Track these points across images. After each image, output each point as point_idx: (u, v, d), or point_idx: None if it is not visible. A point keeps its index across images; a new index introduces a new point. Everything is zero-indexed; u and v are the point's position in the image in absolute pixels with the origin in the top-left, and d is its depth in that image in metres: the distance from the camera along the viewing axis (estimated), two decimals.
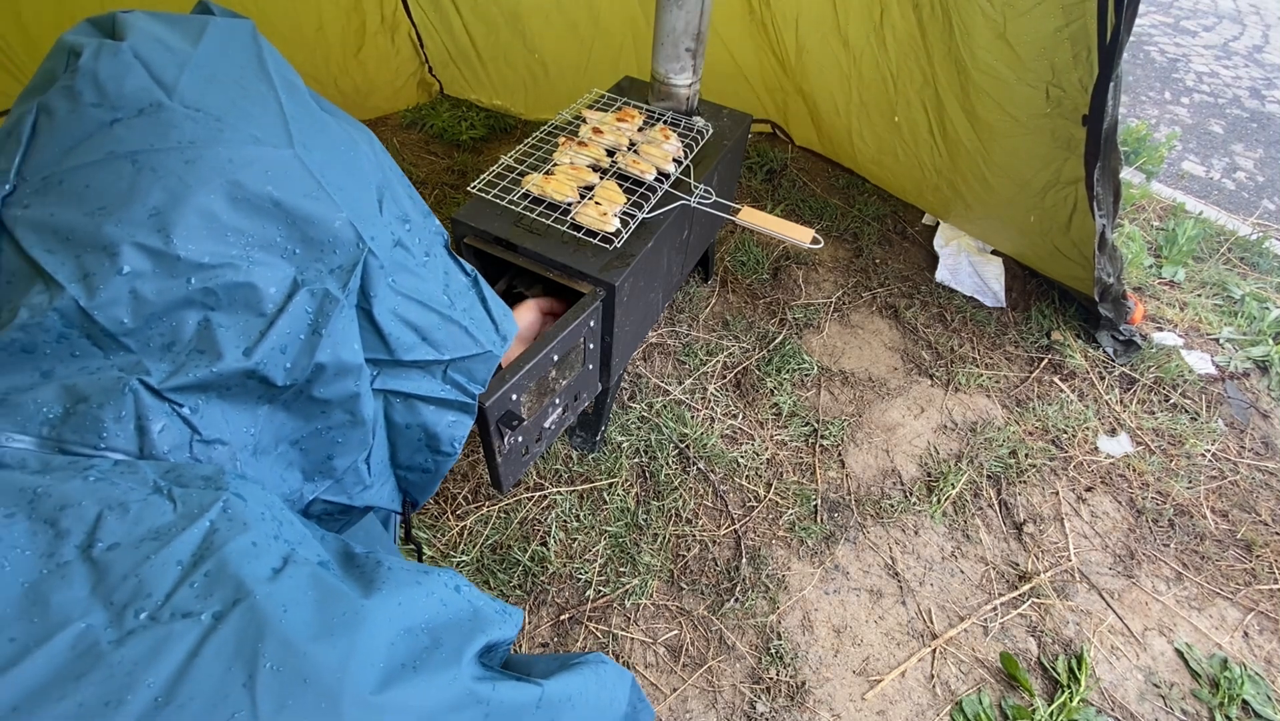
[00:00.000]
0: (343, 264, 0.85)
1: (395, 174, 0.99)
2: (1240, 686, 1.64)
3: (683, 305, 2.46)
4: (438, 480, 1.08)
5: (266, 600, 0.58)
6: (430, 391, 1.01)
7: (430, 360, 0.98)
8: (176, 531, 0.60)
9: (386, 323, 0.91)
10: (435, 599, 0.73)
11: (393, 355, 0.93)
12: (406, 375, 0.98)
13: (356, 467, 0.96)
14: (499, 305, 1.10)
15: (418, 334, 0.96)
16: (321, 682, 0.55)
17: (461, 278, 1.06)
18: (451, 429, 1.04)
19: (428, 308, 0.96)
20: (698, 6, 1.72)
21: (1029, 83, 2.02)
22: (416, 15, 3.04)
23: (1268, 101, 4.29)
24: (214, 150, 0.77)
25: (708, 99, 2.15)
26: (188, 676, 0.51)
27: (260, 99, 0.85)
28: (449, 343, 1.00)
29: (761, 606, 1.72)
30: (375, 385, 0.94)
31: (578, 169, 1.71)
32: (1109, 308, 2.38)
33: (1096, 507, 2.01)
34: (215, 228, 0.76)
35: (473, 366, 1.04)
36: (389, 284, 0.91)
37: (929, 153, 2.59)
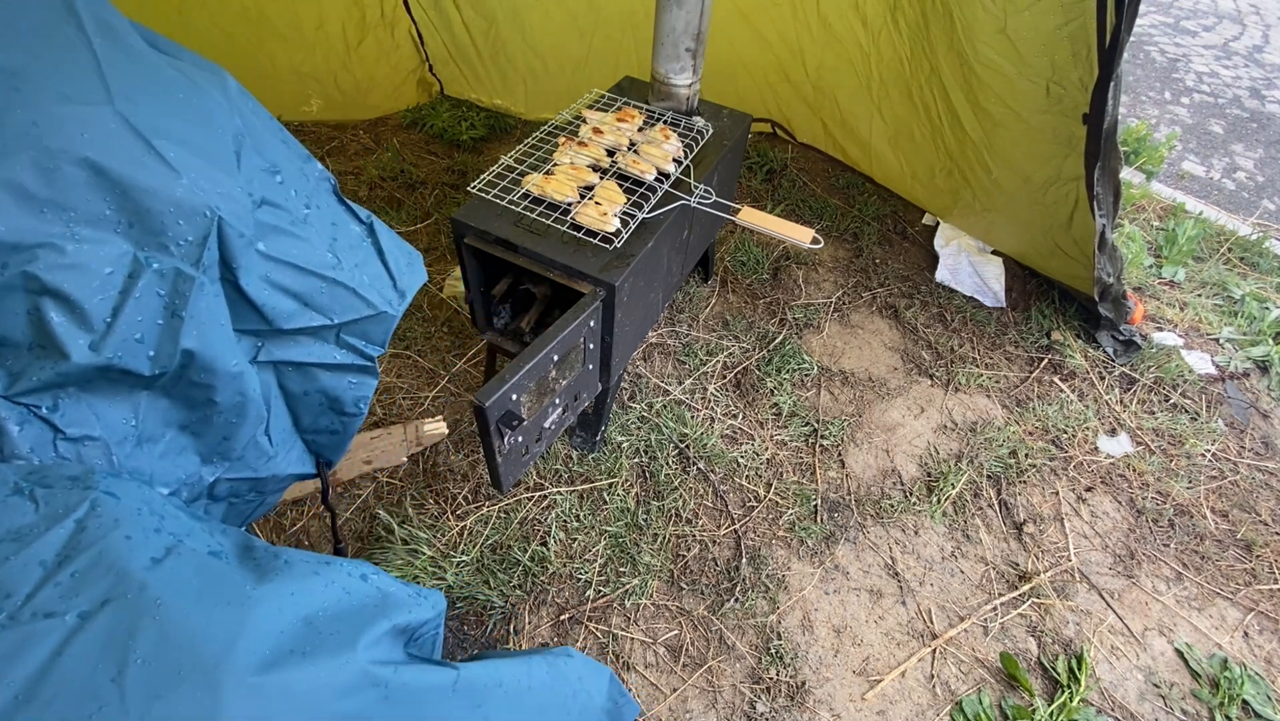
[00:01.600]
0: (192, 237, 0.73)
1: (260, 119, 0.88)
2: (1240, 686, 1.64)
3: (683, 305, 2.46)
4: (348, 439, 1.06)
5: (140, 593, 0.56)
6: (324, 358, 0.95)
7: (318, 326, 0.91)
8: (39, 532, 0.58)
9: (258, 293, 0.82)
10: (336, 587, 0.71)
11: (272, 325, 0.85)
12: (295, 343, 0.91)
13: (256, 442, 0.92)
14: (399, 255, 1.00)
15: (298, 300, 0.88)
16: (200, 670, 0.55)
17: (354, 228, 0.97)
18: (354, 390, 1.00)
19: (307, 272, 0.87)
20: (698, 6, 1.72)
21: (1029, 78, 2.02)
22: (416, 12, 3.04)
23: (1268, 101, 4.29)
24: (13, 114, 0.66)
25: (708, 99, 2.15)
26: (50, 674, 0.50)
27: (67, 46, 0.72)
28: (336, 306, 0.91)
29: (761, 606, 1.72)
30: (261, 357, 0.88)
31: (578, 169, 1.71)
32: (1109, 307, 2.38)
33: (1096, 507, 2.01)
34: (26, 203, 0.66)
35: (367, 328, 0.97)
36: (257, 250, 0.82)
37: (940, 137, 2.57)
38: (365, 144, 3.06)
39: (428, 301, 2.37)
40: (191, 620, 0.58)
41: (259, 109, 0.89)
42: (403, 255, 1.03)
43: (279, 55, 2.87)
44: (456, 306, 2.35)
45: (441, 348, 2.24)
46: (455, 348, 2.24)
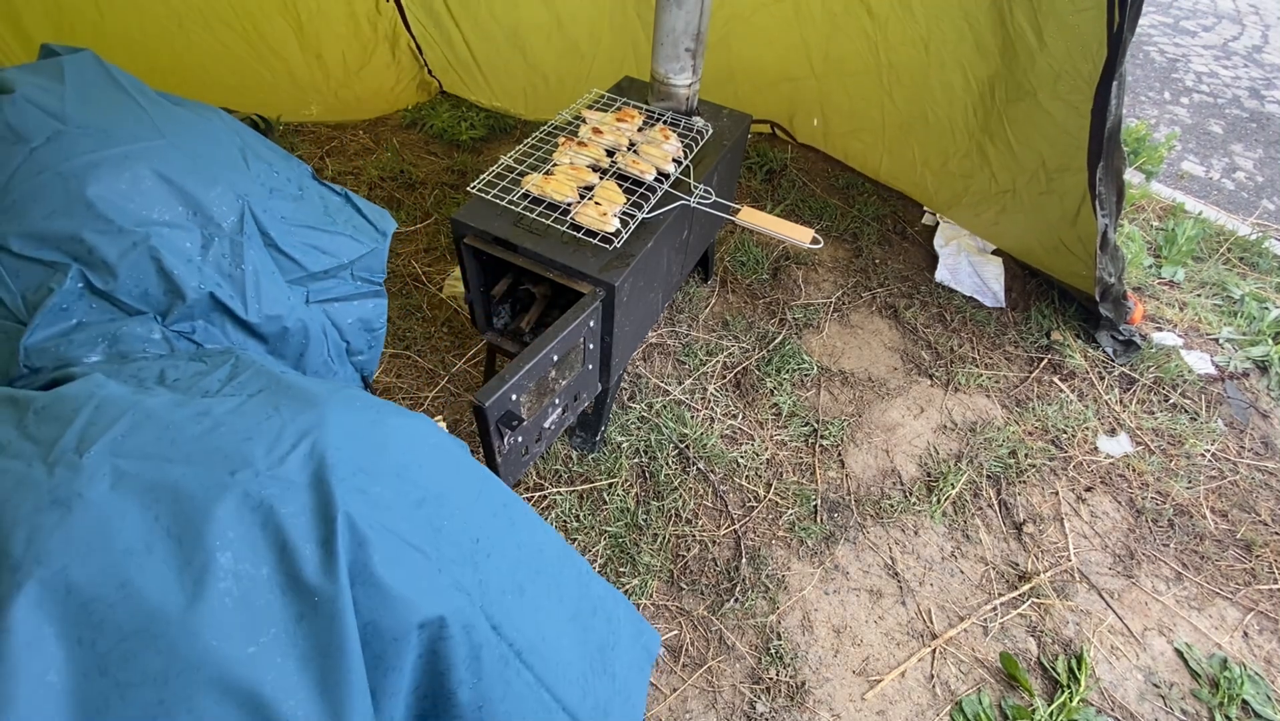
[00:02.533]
0: (234, 218, 1.17)
1: (251, 136, 1.33)
2: (1240, 686, 1.64)
3: (683, 305, 2.46)
4: (379, 352, 1.50)
5: (279, 381, 0.94)
6: (349, 291, 1.36)
7: (335, 266, 1.32)
8: (212, 370, 0.97)
9: (291, 248, 1.26)
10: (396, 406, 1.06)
11: (306, 270, 1.28)
12: (325, 284, 1.32)
13: (325, 361, 1.33)
14: (372, 209, 1.45)
15: (317, 249, 1.29)
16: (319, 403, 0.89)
17: (335, 198, 1.41)
18: (375, 310, 1.43)
19: (316, 229, 1.29)
20: (697, 6, 1.72)
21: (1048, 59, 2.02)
22: (416, 29, 3.04)
23: (1267, 101, 4.29)
24: (110, 151, 1.07)
25: (706, 99, 2.15)
26: (243, 408, 0.87)
27: (125, 107, 1.17)
28: (342, 249, 1.33)
29: (761, 606, 1.72)
30: (311, 299, 1.30)
31: (578, 169, 1.71)
32: (1109, 307, 2.38)
33: (1096, 507, 2.01)
34: (133, 205, 1.07)
35: (369, 261, 1.39)
36: (280, 219, 1.23)
37: (962, 113, 2.53)
38: (365, 144, 3.06)
39: (428, 301, 2.37)
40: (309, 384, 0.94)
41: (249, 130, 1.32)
42: (375, 211, 1.44)
43: (280, 70, 2.88)
44: (456, 306, 2.34)
45: (441, 348, 2.24)
46: (455, 348, 2.24)
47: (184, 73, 2.75)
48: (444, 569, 0.86)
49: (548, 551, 1.10)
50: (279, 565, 0.75)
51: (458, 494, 0.95)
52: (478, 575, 0.91)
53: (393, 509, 0.84)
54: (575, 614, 1.11)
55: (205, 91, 2.75)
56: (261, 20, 2.73)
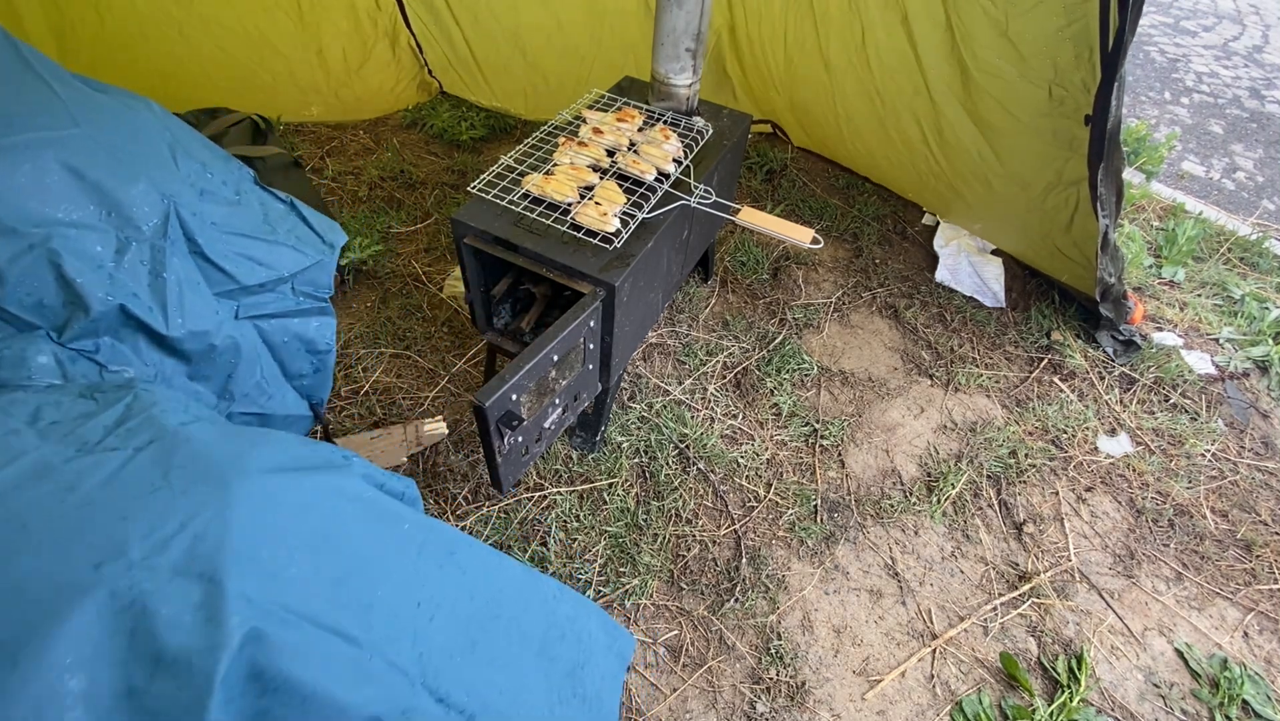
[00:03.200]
0: (156, 220, 1.02)
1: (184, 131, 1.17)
2: (1240, 686, 1.64)
3: (683, 305, 2.46)
4: (328, 375, 1.33)
5: (175, 435, 0.80)
6: (287, 307, 1.21)
7: (273, 280, 1.18)
8: (100, 411, 0.83)
9: (221, 259, 1.11)
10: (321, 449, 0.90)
11: (239, 283, 1.13)
12: (261, 299, 1.18)
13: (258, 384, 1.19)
14: (320, 220, 1.30)
15: (252, 260, 1.15)
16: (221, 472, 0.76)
17: (278, 205, 1.26)
18: (320, 330, 1.27)
19: (252, 238, 1.16)
20: (698, 7, 1.72)
21: (1032, 81, 2.02)
22: (416, 26, 3.04)
23: (1267, 101, 4.29)
24: (10, 139, 0.93)
25: (707, 99, 2.15)
26: (121, 474, 0.74)
27: (34, 90, 1.01)
28: (282, 261, 1.19)
29: (761, 606, 1.72)
30: (241, 314, 1.15)
31: (578, 169, 1.71)
32: (1109, 308, 2.38)
33: (1096, 507, 2.01)
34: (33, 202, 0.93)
35: (313, 275, 1.25)
36: (211, 225, 1.09)
37: (924, 160, 2.60)
38: (365, 144, 3.06)
39: (428, 301, 2.37)
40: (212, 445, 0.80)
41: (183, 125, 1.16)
42: (323, 222, 1.30)
43: (280, 71, 2.88)
44: (456, 306, 2.35)
45: (441, 348, 2.24)
46: (455, 348, 2.24)
47: (184, 75, 2.76)
48: (376, 651, 0.75)
49: (507, 590, 1.01)
50: (149, 684, 0.60)
51: (393, 556, 0.84)
52: (418, 647, 0.81)
53: (309, 591, 0.72)
54: (540, 648, 1.03)
55: (205, 92, 2.75)
56: (262, 18, 2.73)
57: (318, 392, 1.33)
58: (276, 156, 2.43)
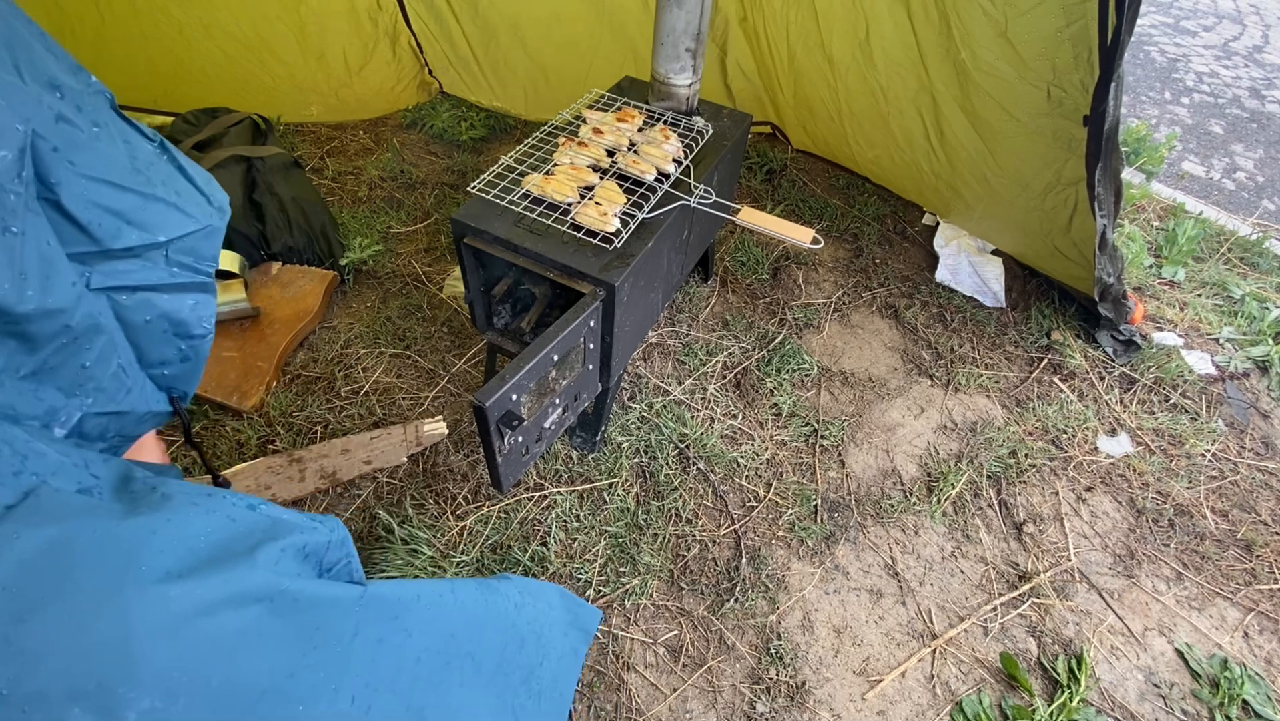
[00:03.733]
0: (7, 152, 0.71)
1: (29, 30, 0.82)
2: (1240, 686, 1.64)
3: (683, 305, 2.46)
4: (200, 365, 1.03)
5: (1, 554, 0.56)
6: (158, 279, 0.92)
7: (144, 245, 0.89)
8: None
9: (81, 210, 0.80)
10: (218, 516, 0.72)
11: (100, 244, 0.83)
12: (124, 267, 0.88)
13: (115, 372, 0.91)
14: (200, 172, 0.98)
15: (119, 218, 0.85)
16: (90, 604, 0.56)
17: (146, 145, 0.94)
18: (196, 310, 0.98)
19: (122, 188, 0.86)
20: (697, 6, 1.72)
21: (1031, 82, 2.02)
22: (416, 25, 3.04)
23: (1267, 101, 4.29)
24: None
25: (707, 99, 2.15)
26: None
27: None
28: (159, 222, 0.90)
29: (761, 606, 1.72)
30: (93, 284, 0.84)
31: (578, 169, 1.71)
32: (1109, 308, 2.38)
33: (1096, 507, 2.01)
34: None
35: (195, 243, 0.95)
36: (69, 166, 0.79)
37: (925, 158, 2.59)
38: (365, 144, 3.06)
39: (428, 301, 2.37)
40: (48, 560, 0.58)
41: (25, 19, 0.82)
42: (200, 174, 1.00)
43: (280, 71, 2.88)
44: (456, 306, 2.35)
45: (441, 348, 2.24)
46: (455, 348, 2.24)
47: (184, 75, 2.76)
48: None
49: (459, 632, 0.93)
50: None
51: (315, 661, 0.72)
52: None
53: None
54: (496, 667, 0.98)
55: (205, 92, 2.76)
56: (262, 19, 2.73)
57: (181, 384, 1.06)
58: (276, 156, 2.43)
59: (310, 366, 2.14)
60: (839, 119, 2.79)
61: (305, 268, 2.34)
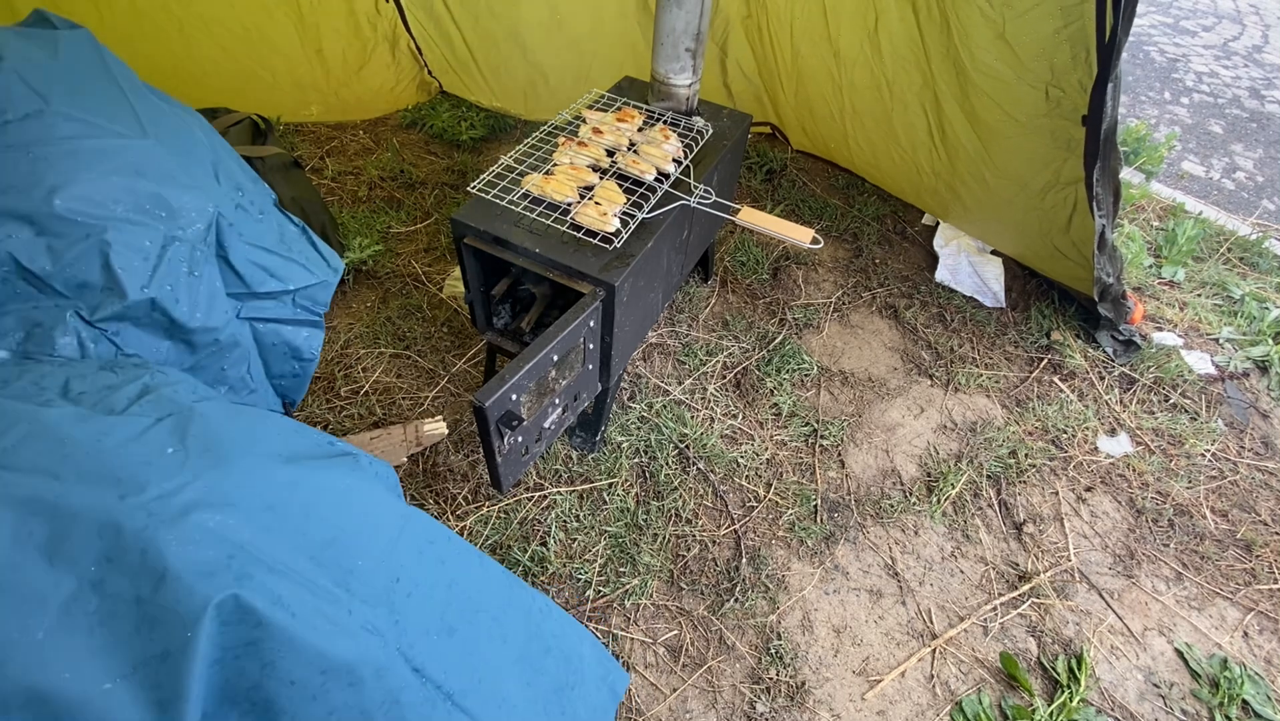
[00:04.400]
0: (201, 225, 1.17)
1: (225, 150, 1.35)
2: (1240, 686, 1.64)
3: (682, 305, 2.46)
4: (306, 381, 1.49)
5: (190, 410, 0.90)
6: (285, 315, 1.37)
7: (279, 290, 1.34)
8: (123, 385, 0.93)
9: (241, 265, 1.27)
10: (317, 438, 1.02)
11: (250, 288, 1.29)
12: (264, 305, 1.33)
13: (244, 376, 1.32)
14: (325, 247, 1.49)
15: (266, 271, 1.31)
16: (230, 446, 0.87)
17: (292, 228, 1.43)
18: (308, 340, 1.43)
19: (271, 252, 1.32)
20: (697, 6, 1.72)
21: (1029, 83, 2.02)
22: (415, 30, 3.04)
23: (1267, 101, 4.29)
24: (89, 142, 1.08)
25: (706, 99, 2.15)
26: (145, 435, 0.84)
27: (114, 100, 1.17)
28: (292, 276, 1.35)
29: (761, 606, 1.72)
30: (241, 315, 1.29)
31: (577, 169, 1.71)
32: (1109, 308, 2.38)
33: (1096, 507, 2.01)
34: (99, 197, 1.06)
35: (314, 293, 1.41)
36: (238, 236, 1.25)
37: (926, 156, 2.59)
38: (365, 144, 3.06)
39: (428, 301, 2.37)
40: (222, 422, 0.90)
41: (224, 144, 1.35)
42: (327, 250, 1.48)
43: (280, 70, 2.88)
44: (456, 306, 2.35)
45: (441, 348, 2.24)
46: (455, 348, 2.24)
47: (184, 75, 2.75)
48: (355, 611, 0.82)
49: (489, 590, 1.06)
50: (153, 595, 0.71)
51: (373, 533, 0.92)
52: (394, 615, 0.87)
53: (296, 547, 0.81)
54: (522, 655, 1.08)
55: (205, 92, 2.75)
56: (263, 20, 2.73)
57: (292, 394, 1.48)
58: (276, 156, 2.43)
59: None
60: (840, 117, 2.79)
61: None
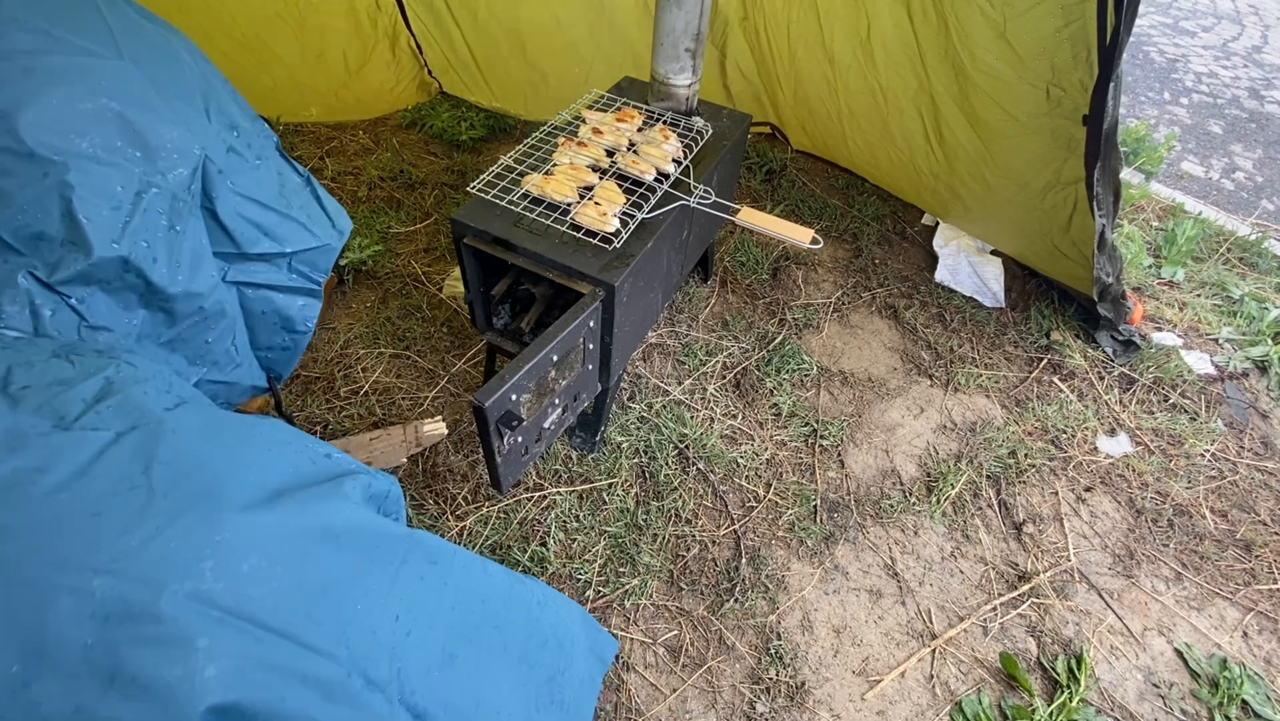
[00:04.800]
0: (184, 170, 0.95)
1: (219, 81, 1.10)
2: (1240, 686, 1.64)
3: (682, 305, 2.46)
4: (297, 355, 1.27)
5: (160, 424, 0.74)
6: (279, 281, 1.17)
7: (274, 253, 1.13)
8: (78, 381, 0.76)
9: (231, 221, 1.04)
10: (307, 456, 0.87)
11: (239, 249, 1.07)
12: (255, 268, 1.12)
13: (228, 350, 1.14)
14: (333, 204, 1.27)
15: (259, 230, 1.09)
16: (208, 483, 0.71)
17: (295, 178, 1.21)
18: (303, 311, 1.22)
19: (266, 207, 1.10)
20: (697, 7, 1.72)
21: (1030, 82, 2.02)
22: (416, 27, 3.04)
23: (1266, 102, 4.29)
24: (49, 59, 0.86)
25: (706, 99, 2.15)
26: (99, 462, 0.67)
27: (82, 9, 0.95)
28: (290, 237, 1.14)
29: (761, 606, 1.72)
30: (228, 278, 1.07)
31: (577, 169, 1.71)
32: (1108, 308, 2.38)
33: (1096, 507, 2.01)
34: (59, 128, 0.86)
35: (314, 257, 1.20)
36: (228, 186, 1.03)
37: (924, 158, 2.59)
38: (365, 144, 3.06)
39: (428, 301, 2.37)
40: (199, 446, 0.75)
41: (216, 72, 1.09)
42: (334, 206, 1.26)
43: (280, 73, 2.88)
44: (456, 306, 2.35)
45: (441, 348, 2.24)
46: (455, 348, 2.24)
47: None
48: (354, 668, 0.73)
49: (491, 599, 1.00)
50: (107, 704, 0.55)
51: (373, 572, 0.83)
52: (395, 664, 0.79)
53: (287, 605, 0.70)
54: (522, 655, 1.03)
55: None
56: (262, 20, 2.72)
57: (279, 368, 1.28)
58: None
59: (310, 367, 2.14)
60: (838, 119, 2.80)
61: None
